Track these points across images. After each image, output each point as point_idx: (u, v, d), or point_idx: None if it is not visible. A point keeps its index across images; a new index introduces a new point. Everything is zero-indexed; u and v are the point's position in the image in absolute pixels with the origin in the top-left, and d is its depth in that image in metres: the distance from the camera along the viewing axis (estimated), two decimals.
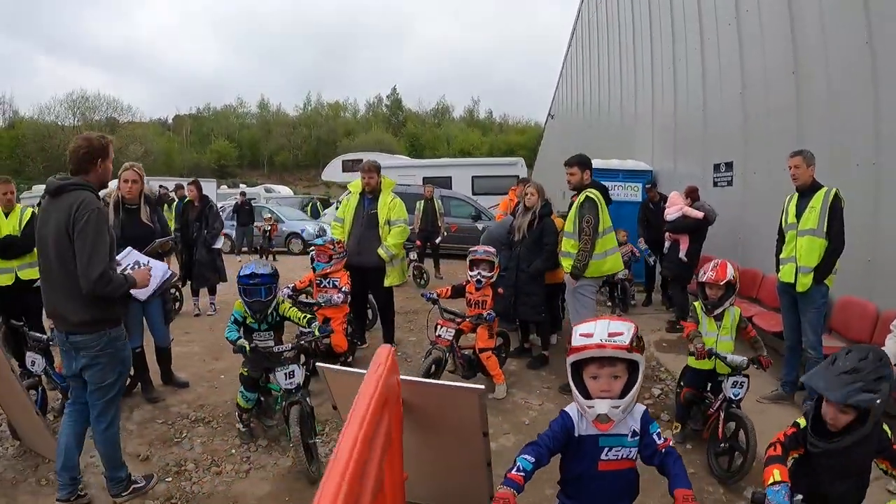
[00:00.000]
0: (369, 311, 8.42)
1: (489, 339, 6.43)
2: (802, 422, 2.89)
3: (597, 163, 12.55)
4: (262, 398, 5.34)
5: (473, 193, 20.97)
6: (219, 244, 10.02)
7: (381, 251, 7.22)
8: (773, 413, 5.84)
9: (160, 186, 16.66)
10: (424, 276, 13.03)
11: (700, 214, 8.94)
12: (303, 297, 7.27)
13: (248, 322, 5.24)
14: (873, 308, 6.34)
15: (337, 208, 21.94)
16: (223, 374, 7.03)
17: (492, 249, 6.70)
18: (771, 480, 2.68)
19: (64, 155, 4.47)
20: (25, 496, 4.46)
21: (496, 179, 21.73)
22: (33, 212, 6.40)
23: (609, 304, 10.73)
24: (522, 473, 2.47)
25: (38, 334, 5.56)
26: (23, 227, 6.36)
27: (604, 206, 6.27)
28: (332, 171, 27.88)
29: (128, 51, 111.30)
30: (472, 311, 6.53)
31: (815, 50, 7.65)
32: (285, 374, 4.79)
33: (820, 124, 7.54)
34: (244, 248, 18.46)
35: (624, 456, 2.63)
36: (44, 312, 5.04)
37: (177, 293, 10.09)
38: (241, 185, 19.83)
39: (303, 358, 5.27)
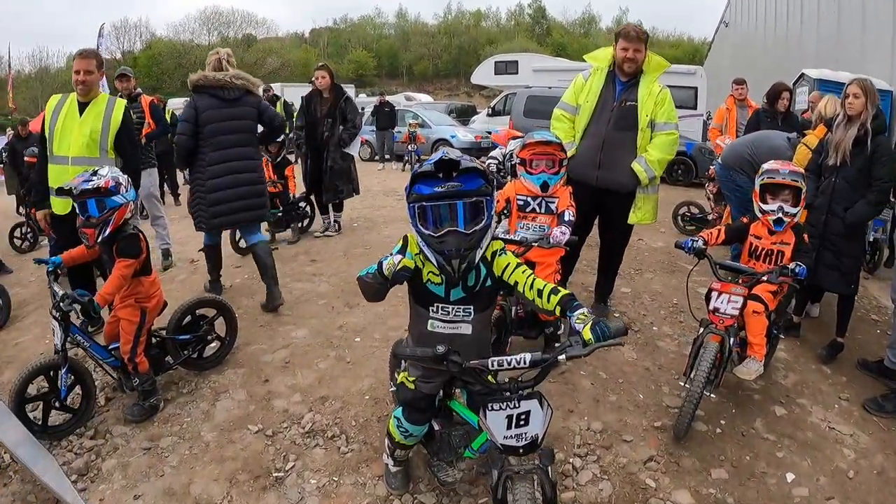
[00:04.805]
0: None
1: (772, 299, 3.76)
2: None
3: (815, 72, 9.70)
4: (434, 427, 2.80)
5: None
6: (355, 149, 7.52)
7: (636, 166, 4.41)
8: None
9: (264, 89, 14.36)
10: None
11: None
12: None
13: (426, 282, 2.49)
14: None
15: (491, 113, 19.61)
16: (359, 336, 4.55)
17: (799, 170, 3.93)
18: None
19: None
20: None
21: (671, 90, 17.92)
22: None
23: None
24: None
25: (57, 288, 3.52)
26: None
27: None
28: (483, 74, 24.53)
29: None
30: (760, 267, 3.83)
31: None
32: (510, 417, 2.18)
33: None
34: (387, 156, 16.05)
35: None
36: None
37: (306, 207, 7.83)
38: (385, 94, 17.63)
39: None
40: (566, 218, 3.96)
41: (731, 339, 3.50)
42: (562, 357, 2.13)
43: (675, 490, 3.05)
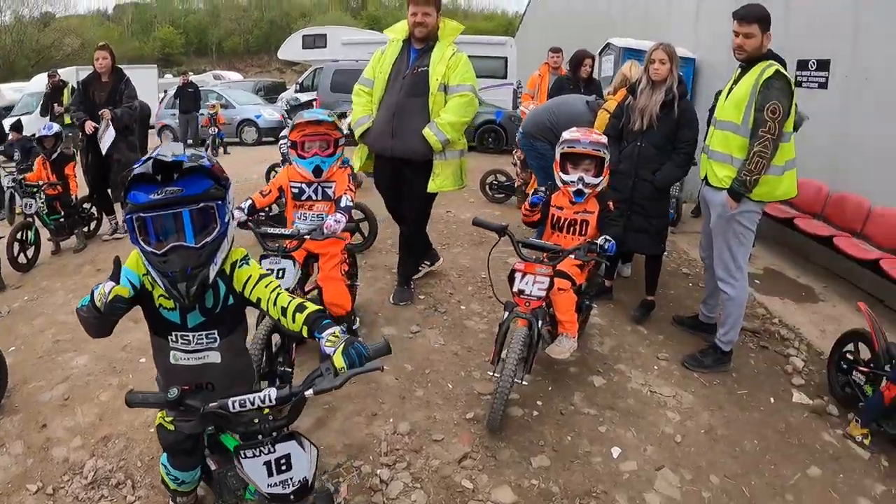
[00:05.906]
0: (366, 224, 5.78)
1: (579, 273, 3.76)
2: None
3: (620, 41, 10.05)
4: (210, 467, 2.46)
5: None
6: (105, 144, 6.48)
7: (427, 132, 4.31)
8: None
9: (49, 74, 13.01)
10: None
11: None
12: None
13: (158, 307, 2.13)
14: None
15: (300, 89, 18.90)
16: (144, 357, 4.05)
17: (602, 139, 3.90)
18: None
19: None
20: None
21: (481, 61, 18.11)
22: None
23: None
24: None
25: None
26: None
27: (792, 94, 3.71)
28: (291, 49, 23.50)
29: None
30: (564, 238, 3.83)
31: None
32: (268, 464, 1.92)
33: None
34: (189, 141, 14.88)
35: None
36: None
37: (91, 208, 7.07)
38: (189, 74, 16.32)
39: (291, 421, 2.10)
40: (342, 204, 3.68)
41: (539, 322, 3.38)
42: (309, 392, 1.87)
43: (494, 488, 2.94)
